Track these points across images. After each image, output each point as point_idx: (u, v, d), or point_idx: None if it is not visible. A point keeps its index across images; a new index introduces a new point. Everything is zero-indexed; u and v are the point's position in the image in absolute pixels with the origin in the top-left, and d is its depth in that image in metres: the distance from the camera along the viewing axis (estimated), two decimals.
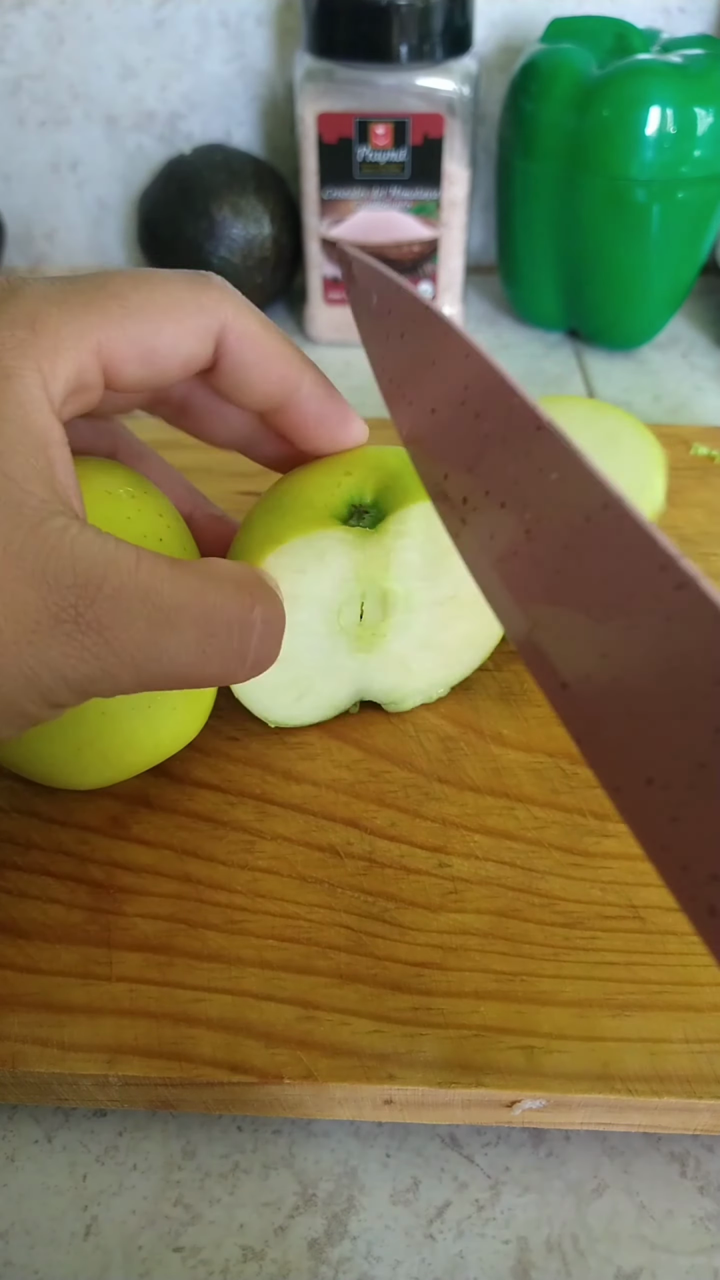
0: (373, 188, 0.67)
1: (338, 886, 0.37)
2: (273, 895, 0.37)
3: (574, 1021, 0.33)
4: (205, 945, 0.35)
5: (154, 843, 0.38)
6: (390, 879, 0.37)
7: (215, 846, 0.38)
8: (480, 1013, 0.33)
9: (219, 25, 0.73)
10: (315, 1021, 0.33)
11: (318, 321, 0.74)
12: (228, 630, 0.29)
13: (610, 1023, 0.33)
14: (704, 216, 0.65)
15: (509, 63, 0.75)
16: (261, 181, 0.71)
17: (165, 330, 0.31)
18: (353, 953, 0.35)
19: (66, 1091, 0.33)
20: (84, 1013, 0.34)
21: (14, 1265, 0.31)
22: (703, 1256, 0.31)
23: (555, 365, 0.73)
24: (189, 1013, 0.34)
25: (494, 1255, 0.31)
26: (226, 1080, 0.32)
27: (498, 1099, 0.32)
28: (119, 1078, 0.32)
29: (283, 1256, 0.31)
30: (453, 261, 0.71)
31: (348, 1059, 0.32)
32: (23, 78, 0.76)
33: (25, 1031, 0.33)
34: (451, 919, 0.36)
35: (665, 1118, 0.32)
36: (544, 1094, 0.31)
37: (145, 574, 0.27)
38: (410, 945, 0.35)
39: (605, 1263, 0.31)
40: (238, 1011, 0.33)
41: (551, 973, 0.34)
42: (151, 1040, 0.33)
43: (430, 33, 0.62)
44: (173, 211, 0.70)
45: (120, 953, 0.35)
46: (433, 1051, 0.32)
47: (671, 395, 0.70)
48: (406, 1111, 0.33)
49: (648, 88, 0.60)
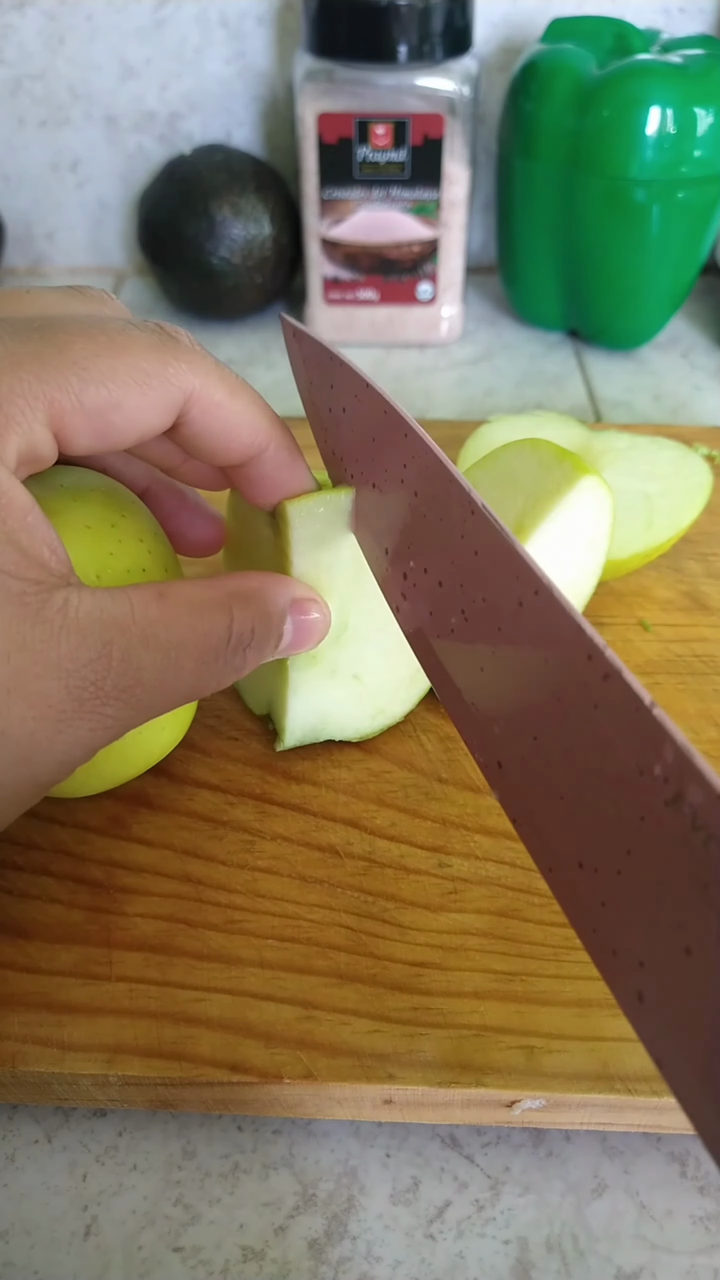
0: (373, 188, 0.67)
1: (337, 886, 0.37)
2: (272, 895, 0.37)
3: (574, 1021, 0.33)
4: (205, 945, 0.35)
5: (154, 843, 0.39)
6: (390, 879, 0.37)
7: (215, 846, 0.38)
8: (480, 1012, 0.33)
9: (219, 25, 0.73)
10: (315, 1021, 0.33)
11: (318, 321, 0.74)
12: (217, 652, 0.31)
13: (610, 1022, 0.33)
14: (704, 216, 0.65)
15: (509, 63, 0.75)
16: (261, 181, 0.71)
17: (126, 404, 0.29)
18: (352, 953, 0.35)
19: (66, 1091, 0.33)
20: (84, 1012, 0.34)
21: (14, 1265, 0.31)
22: (703, 1256, 0.31)
23: (555, 365, 0.73)
24: (189, 1012, 0.34)
25: (494, 1255, 0.31)
26: (226, 1080, 0.32)
27: (497, 1099, 0.32)
28: (118, 1077, 0.32)
29: (283, 1256, 0.31)
30: (453, 261, 0.71)
31: (347, 1059, 0.32)
32: (23, 78, 0.76)
33: (25, 1031, 0.33)
34: (451, 919, 0.36)
35: (665, 1117, 0.32)
36: (544, 1094, 0.31)
37: (142, 622, 0.28)
38: (410, 945, 0.35)
39: (605, 1263, 0.31)
40: (237, 1011, 0.34)
41: (551, 973, 0.34)
42: (151, 1040, 0.33)
43: (430, 33, 0.62)
44: (173, 212, 0.70)
45: (120, 952, 0.35)
46: (432, 1051, 0.32)
47: (671, 395, 0.70)
48: (406, 1111, 0.33)
49: (647, 88, 0.60)
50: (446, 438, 0.59)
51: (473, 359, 0.74)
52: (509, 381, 0.71)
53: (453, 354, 0.75)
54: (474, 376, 0.72)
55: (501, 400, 0.69)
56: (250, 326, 0.77)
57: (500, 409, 0.68)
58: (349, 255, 0.70)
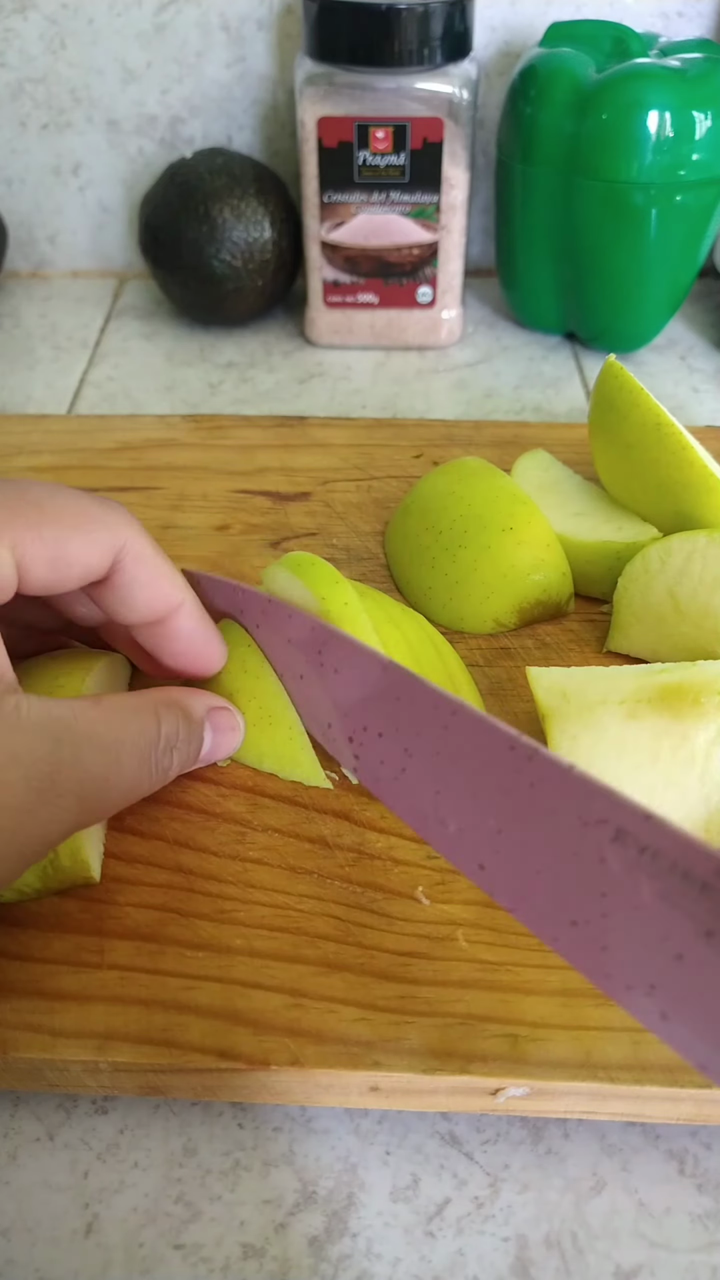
0: (372, 191, 0.68)
1: (327, 877, 0.37)
2: (263, 885, 0.37)
3: (558, 1010, 0.33)
4: (196, 934, 0.36)
5: (146, 834, 0.39)
6: (379, 870, 0.37)
7: (207, 837, 0.39)
8: (465, 1001, 0.34)
9: (219, 29, 0.74)
10: (303, 1009, 0.33)
11: (318, 325, 0.74)
12: (150, 750, 0.34)
13: (594, 1012, 0.33)
14: (702, 220, 0.66)
15: (508, 67, 0.75)
16: (262, 185, 0.71)
17: (75, 540, 0.33)
18: (341, 942, 0.35)
19: (57, 1077, 0.33)
20: (75, 1000, 0.34)
21: (15, 1263, 0.31)
22: (701, 1254, 0.31)
23: (554, 368, 0.73)
24: (179, 1000, 0.34)
25: (493, 1252, 0.32)
26: (215, 1066, 0.32)
27: (482, 1086, 0.32)
28: (109, 1064, 0.32)
29: (283, 1254, 0.32)
30: (452, 265, 0.71)
31: (334, 1046, 0.32)
32: (24, 81, 0.76)
33: (16, 1018, 0.33)
34: (439, 909, 0.36)
35: (648, 1106, 0.32)
36: (527, 1081, 0.32)
37: (84, 721, 0.32)
38: (398, 935, 0.35)
39: (604, 1260, 0.31)
40: (227, 999, 0.34)
41: (537, 963, 0.35)
42: (141, 1027, 0.33)
43: (430, 37, 0.63)
44: (174, 215, 0.70)
45: (112, 941, 0.36)
46: (418, 1039, 0.33)
47: (670, 398, 0.70)
48: (393, 1099, 0.33)
49: (646, 92, 0.61)
50: (442, 436, 0.60)
51: (472, 362, 0.74)
52: (508, 384, 0.72)
53: (452, 357, 0.75)
54: (473, 379, 0.72)
55: (501, 403, 0.69)
56: (251, 330, 0.77)
57: (500, 412, 0.68)
58: (349, 259, 0.71)
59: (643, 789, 0.37)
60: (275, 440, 0.60)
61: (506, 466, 0.54)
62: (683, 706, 0.37)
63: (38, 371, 0.73)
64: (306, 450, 0.59)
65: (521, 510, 0.47)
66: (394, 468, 0.58)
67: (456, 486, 0.49)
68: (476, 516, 0.47)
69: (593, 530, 0.48)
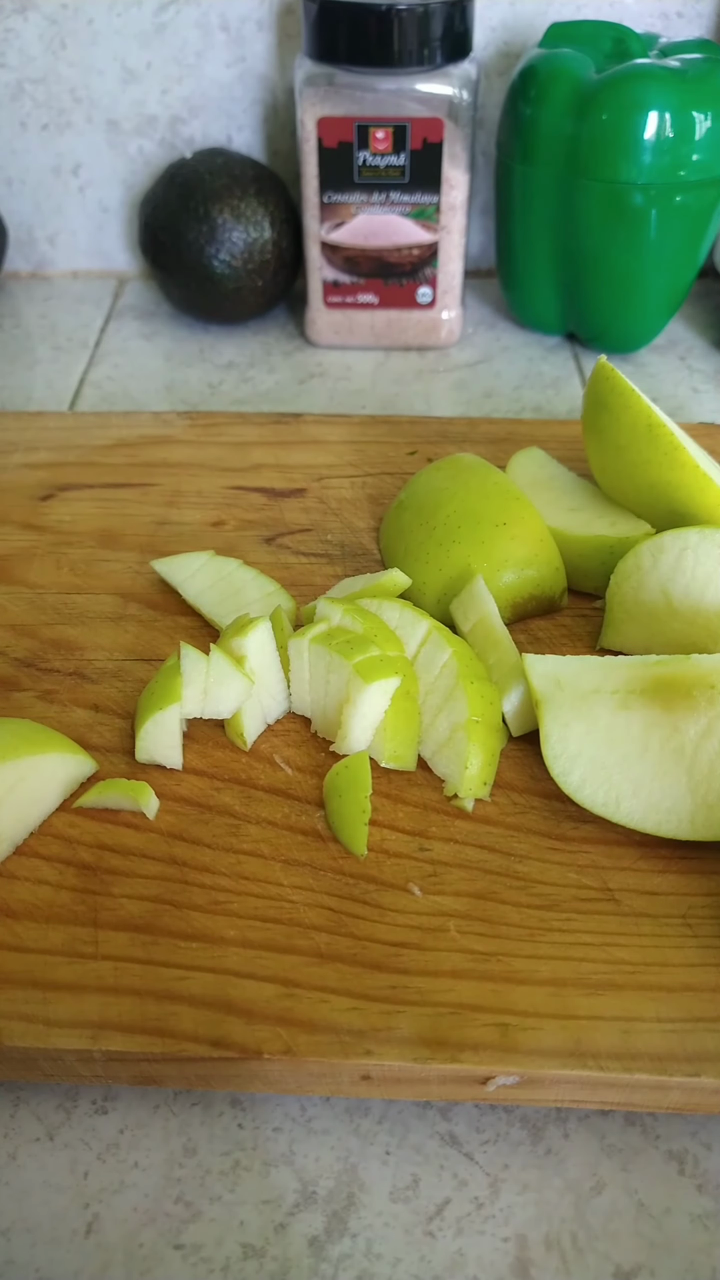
0: (372, 192, 0.68)
1: (320, 869, 0.37)
2: (256, 877, 0.37)
3: (548, 1000, 0.33)
4: (189, 925, 0.36)
5: (142, 827, 0.39)
6: (371, 862, 0.38)
7: (201, 830, 0.39)
8: (456, 991, 0.34)
9: (220, 30, 0.74)
10: (295, 999, 0.34)
11: (318, 325, 0.74)
12: None
13: (584, 1001, 0.33)
14: (702, 220, 0.66)
15: (508, 67, 0.75)
16: (262, 185, 0.71)
17: None
18: (333, 933, 0.35)
19: (51, 1067, 0.33)
20: (69, 990, 0.34)
21: (16, 1263, 0.31)
22: (701, 1254, 0.31)
23: (553, 368, 0.74)
24: (172, 990, 0.34)
25: (493, 1253, 0.32)
26: (208, 1055, 0.32)
27: (472, 1075, 0.32)
28: (102, 1053, 0.33)
29: (283, 1254, 0.32)
30: (452, 265, 0.72)
31: (326, 1035, 0.33)
32: (24, 81, 0.76)
33: (10, 1008, 0.34)
34: (430, 901, 0.36)
35: (637, 1095, 0.32)
36: (517, 1070, 0.32)
37: None
38: (389, 926, 0.36)
39: (604, 1260, 0.31)
40: (220, 989, 0.34)
41: (528, 953, 0.35)
42: (135, 1016, 0.33)
43: (430, 38, 0.63)
44: (174, 215, 0.70)
45: (106, 932, 0.36)
46: (409, 1028, 0.33)
47: (669, 398, 0.70)
48: (384, 1088, 0.33)
49: (646, 92, 0.61)
50: (436, 433, 0.60)
51: (471, 362, 0.74)
52: (508, 385, 0.72)
53: (452, 357, 0.75)
54: (473, 379, 0.72)
55: (500, 403, 0.70)
56: (251, 330, 0.78)
57: (499, 412, 0.69)
58: (349, 259, 0.71)
59: (632, 780, 0.37)
60: (270, 437, 0.60)
61: (501, 463, 0.54)
62: (674, 699, 0.37)
63: (38, 371, 0.74)
64: (301, 447, 0.59)
65: (515, 505, 0.47)
66: (388, 464, 0.58)
67: (450, 482, 0.49)
68: (470, 512, 0.47)
69: (586, 525, 0.48)
